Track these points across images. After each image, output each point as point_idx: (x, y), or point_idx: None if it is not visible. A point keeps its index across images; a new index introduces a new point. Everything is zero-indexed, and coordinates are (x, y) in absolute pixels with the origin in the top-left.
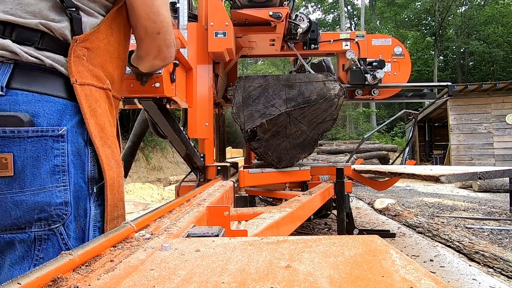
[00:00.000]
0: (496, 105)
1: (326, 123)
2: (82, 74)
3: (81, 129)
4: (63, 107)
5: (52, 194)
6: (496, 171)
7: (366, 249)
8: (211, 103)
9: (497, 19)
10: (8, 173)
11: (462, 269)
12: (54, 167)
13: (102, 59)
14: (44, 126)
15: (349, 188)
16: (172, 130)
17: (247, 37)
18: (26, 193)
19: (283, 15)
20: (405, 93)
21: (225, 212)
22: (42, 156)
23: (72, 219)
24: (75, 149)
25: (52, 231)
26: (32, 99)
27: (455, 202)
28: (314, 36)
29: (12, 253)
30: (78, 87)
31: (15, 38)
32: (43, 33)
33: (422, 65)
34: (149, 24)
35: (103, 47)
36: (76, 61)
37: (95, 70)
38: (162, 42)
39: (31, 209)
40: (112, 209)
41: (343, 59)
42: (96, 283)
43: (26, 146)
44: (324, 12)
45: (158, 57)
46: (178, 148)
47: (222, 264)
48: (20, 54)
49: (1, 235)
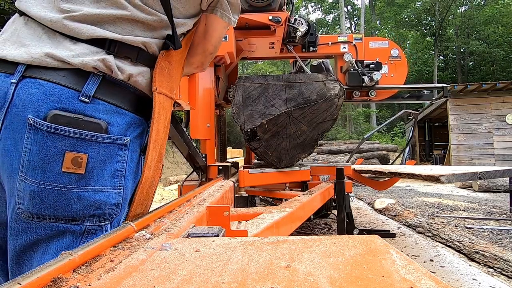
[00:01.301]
0: (496, 105)
1: (326, 123)
2: (161, 83)
3: (140, 140)
4: (131, 120)
5: (109, 195)
6: (496, 171)
7: (366, 249)
8: (213, 105)
9: (497, 19)
10: (80, 171)
11: (462, 269)
12: (115, 171)
13: (176, 72)
14: (115, 135)
15: (349, 188)
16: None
17: (248, 40)
18: (89, 191)
19: (282, 20)
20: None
21: (225, 212)
22: (108, 160)
23: (120, 218)
24: (133, 157)
25: (100, 227)
26: (109, 109)
27: (455, 202)
28: (313, 39)
29: (60, 241)
30: (157, 95)
31: (117, 53)
32: (140, 49)
33: (422, 65)
34: (211, 48)
35: (178, 61)
36: (160, 72)
37: (170, 81)
38: (209, 59)
39: (89, 205)
40: (136, 207)
41: (341, 61)
42: (96, 283)
43: (99, 149)
44: (324, 12)
45: (199, 68)
46: (181, 148)
47: (222, 264)
48: (113, 70)
49: (57, 223)
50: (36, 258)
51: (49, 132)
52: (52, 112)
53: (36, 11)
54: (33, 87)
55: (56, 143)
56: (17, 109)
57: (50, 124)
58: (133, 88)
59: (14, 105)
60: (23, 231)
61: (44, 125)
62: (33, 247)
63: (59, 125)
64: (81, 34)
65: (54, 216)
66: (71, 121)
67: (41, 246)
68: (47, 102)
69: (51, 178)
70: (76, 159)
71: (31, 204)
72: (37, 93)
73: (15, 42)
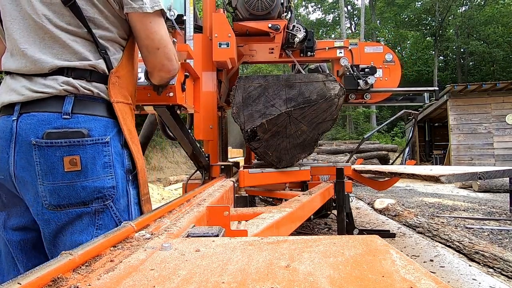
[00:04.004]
0: (496, 105)
1: (326, 123)
2: (116, 95)
3: (118, 137)
4: (106, 123)
5: (104, 181)
6: (496, 171)
7: (366, 249)
8: (215, 107)
9: (497, 19)
10: (77, 168)
11: (462, 269)
12: (105, 163)
13: (126, 82)
14: (96, 136)
15: (349, 188)
16: (181, 132)
17: (248, 46)
18: (89, 181)
19: (281, 27)
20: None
21: (225, 212)
22: (97, 156)
23: (119, 197)
24: (116, 151)
25: (105, 205)
26: (87, 119)
27: (455, 202)
28: (310, 44)
29: (81, 222)
30: (115, 105)
31: (74, 76)
32: (91, 70)
33: (422, 65)
34: (149, 42)
35: (126, 73)
36: (112, 87)
37: (123, 91)
38: (162, 56)
39: (92, 191)
40: (142, 187)
41: (337, 65)
42: (96, 283)
43: (87, 150)
44: (324, 12)
45: (163, 70)
46: (186, 148)
47: (222, 264)
48: (78, 88)
49: (74, 209)
50: (67, 239)
51: (48, 146)
52: (46, 131)
53: (14, 66)
54: (29, 119)
55: (55, 152)
56: (22, 137)
57: (47, 140)
58: (101, 99)
59: (19, 135)
60: (52, 220)
61: (43, 142)
62: (62, 231)
63: (53, 140)
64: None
65: (70, 204)
66: (60, 135)
67: (68, 229)
68: (41, 126)
69: (59, 178)
70: (72, 160)
71: (52, 199)
72: (33, 122)
73: (6, 91)
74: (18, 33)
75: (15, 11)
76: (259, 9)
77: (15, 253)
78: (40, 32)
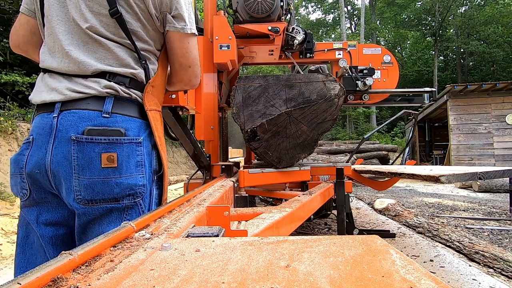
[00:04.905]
0: (496, 105)
1: (326, 123)
2: (150, 103)
3: (150, 138)
4: (140, 124)
5: (137, 179)
6: (496, 171)
7: (366, 249)
8: (216, 108)
9: (497, 19)
10: (114, 165)
11: (462, 269)
12: (137, 162)
13: (158, 91)
14: (132, 136)
15: (349, 188)
16: (183, 133)
17: (248, 48)
18: (123, 178)
19: (281, 29)
20: (394, 98)
21: (225, 212)
22: (131, 155)
23: (147, 196)
24: (147, 151)
25: (135, 202)
26: (124, 119)
27: (455, 202)
28: (310, 46)
29: (109, 216)
30: (149, 112)
31: (115, 81)
32: (131, 78)
33: (422, 65)
34: (184, 60)
35: (160, 83)
36: (147, 95)
37: (156, 100)
38: (192, 73)
39: (125, 188)
40: (166, 190)
41: (336, 67)
42: (96, 283)
43: (123, 148)
44: (324, 12)
45: (188, 85)
46: (188, 148)
47: (222, 264)
48: (119, 91)
49: (105, 205)
50: (95, 230)
51: (88, 142)
52: (87, 128)
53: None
54: (70, 116)
55: (94, 148)
56: (62, 133)
57: (87, 136)
58: (137, 102)
59: (59, 131)
60: (83, 214)
61: (83, 138)
62: (91, 223)
63: (93, 136)
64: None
65: (102, 200)
66: (100, 132)
67: (97, 222)
68: (82, 123)
69: (95, 173)
70: (110, 157)
71: (86, 193)
72: (74, 118)
73: (47, 90)
74: (64, 34)
75: (61, 12)
76: (259, 11)
77: (46, 248)
78: (85, 37)
